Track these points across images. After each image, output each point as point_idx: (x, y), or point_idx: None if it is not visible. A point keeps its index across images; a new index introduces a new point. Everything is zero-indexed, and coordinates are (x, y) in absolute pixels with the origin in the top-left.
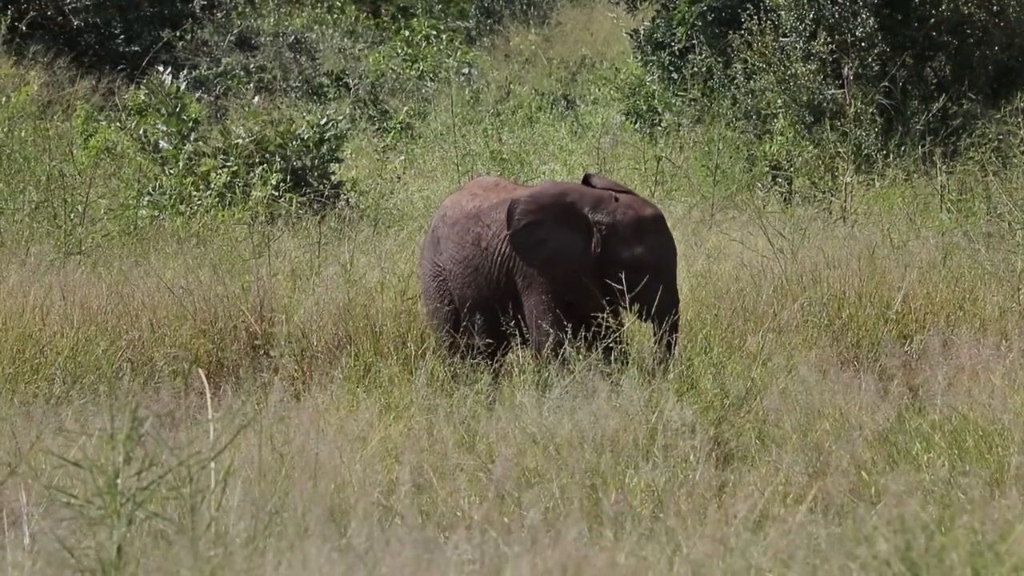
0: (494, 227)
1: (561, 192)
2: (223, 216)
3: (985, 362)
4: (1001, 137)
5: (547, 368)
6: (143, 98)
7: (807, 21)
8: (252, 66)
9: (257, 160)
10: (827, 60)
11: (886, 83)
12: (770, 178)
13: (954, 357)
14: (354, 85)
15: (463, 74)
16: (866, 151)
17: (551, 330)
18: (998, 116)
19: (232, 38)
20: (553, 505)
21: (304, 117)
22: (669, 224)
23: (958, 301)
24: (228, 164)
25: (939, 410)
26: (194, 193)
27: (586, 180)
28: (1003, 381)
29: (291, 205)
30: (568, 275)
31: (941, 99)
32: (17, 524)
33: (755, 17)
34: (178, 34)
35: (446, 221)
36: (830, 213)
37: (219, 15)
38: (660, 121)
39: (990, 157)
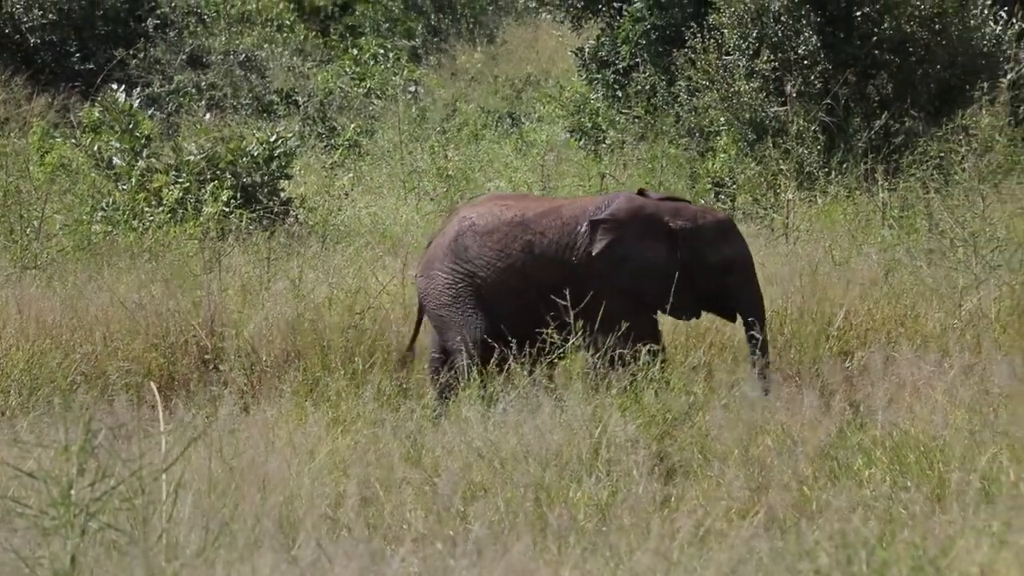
0: (550, 234)
1: (638, 205)
2: (175, 232)
3: (926, 378)
4: (943, 155)
5: (603, 369)
6: (97, 115)
7: (750, 40)
8: (203, 84)
9: (208, 176)
10: (770, 78)
11: (828, 100)
12: (713, 195)
13: (895, 373)
14: (303, 103)
15: (410, 92)
16: (808, 168)
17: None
18: (940, 134)
19: (184, 56)
20: (498, 519)
21: (254, 134)
22: None
23: (899, 317)
24: (180, 180)
25: (880, 426)
26: (146, 209)
27: (640, 195)
28: (944, 397)
29: (241, 221)
30: (658, 285)
31: (883, 117)
32: None
33: (699, 36)
34: (131, 52)
35: (476, 231)
36: (772, 230)
37: (171, 34)
38: (604, 138)
39: (932, 174)
